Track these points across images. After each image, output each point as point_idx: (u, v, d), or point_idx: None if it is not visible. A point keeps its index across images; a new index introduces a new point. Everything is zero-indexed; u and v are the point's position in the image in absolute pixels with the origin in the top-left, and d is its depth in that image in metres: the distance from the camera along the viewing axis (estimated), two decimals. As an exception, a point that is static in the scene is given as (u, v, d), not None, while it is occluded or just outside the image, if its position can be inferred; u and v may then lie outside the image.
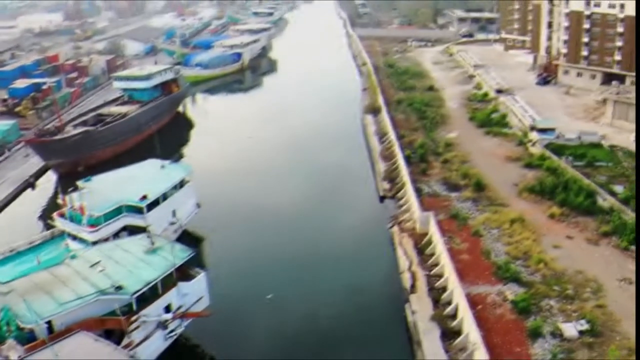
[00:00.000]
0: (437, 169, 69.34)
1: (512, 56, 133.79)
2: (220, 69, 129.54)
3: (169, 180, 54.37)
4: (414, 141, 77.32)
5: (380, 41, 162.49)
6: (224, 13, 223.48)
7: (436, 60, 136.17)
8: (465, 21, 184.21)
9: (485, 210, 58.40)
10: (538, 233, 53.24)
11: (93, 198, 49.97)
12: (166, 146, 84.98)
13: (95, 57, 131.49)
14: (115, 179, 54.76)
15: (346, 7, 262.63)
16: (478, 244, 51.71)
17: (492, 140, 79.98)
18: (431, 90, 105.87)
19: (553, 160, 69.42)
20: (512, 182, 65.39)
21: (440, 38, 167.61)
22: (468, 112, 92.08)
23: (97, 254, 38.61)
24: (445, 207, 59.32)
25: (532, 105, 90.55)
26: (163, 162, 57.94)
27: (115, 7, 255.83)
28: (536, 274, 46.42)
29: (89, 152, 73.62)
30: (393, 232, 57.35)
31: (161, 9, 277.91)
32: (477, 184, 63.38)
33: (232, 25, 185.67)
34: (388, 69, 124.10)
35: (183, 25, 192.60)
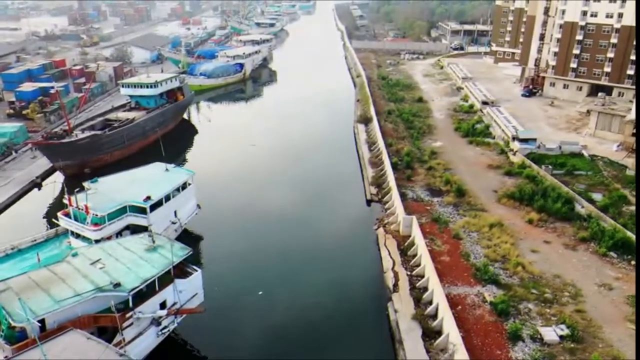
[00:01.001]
0: (422, 176, 70.57)
1: (501, 69, 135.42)
2: (223, 78, 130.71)
3: (172, 183, 55.49)
4: (401, 149, 78.56)
5: (375, 54, 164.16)
6: (227, 23, 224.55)
7: (427, 73, 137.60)
8: (458, 34, 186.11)
9: (465, 215, 59.64)
10: (516, 237, 54.44)
11: (98, 198, 51.15)
12: (171, 151, 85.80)
13: (103, 63, 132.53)
14: (120, 180, 55.87)
15: (345, 19, 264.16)
16: (458, 247, 52.86)
17: (475, 149, 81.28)
18: (420, 102, 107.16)
19: (533, 168, 70.68)
20: (492, 189, 66.70)
21: (432, 51, 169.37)
22: (454, 123, 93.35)
23: (99, 251, 39.58)
24: (428, 211, 60.57)
25: (516, 116, 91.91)
26: (167, 165, 59.12)
27: (121, 14, 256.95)
28: (514, 277, 47.47)
29: (96, 155, 74.74)
30: (378, 233, 58.51)
31: (167, 17, 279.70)
32: (458, 190, 64.64)
33: (235, 36, 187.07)
34: (381, 81, 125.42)
35: (188, 34, 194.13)
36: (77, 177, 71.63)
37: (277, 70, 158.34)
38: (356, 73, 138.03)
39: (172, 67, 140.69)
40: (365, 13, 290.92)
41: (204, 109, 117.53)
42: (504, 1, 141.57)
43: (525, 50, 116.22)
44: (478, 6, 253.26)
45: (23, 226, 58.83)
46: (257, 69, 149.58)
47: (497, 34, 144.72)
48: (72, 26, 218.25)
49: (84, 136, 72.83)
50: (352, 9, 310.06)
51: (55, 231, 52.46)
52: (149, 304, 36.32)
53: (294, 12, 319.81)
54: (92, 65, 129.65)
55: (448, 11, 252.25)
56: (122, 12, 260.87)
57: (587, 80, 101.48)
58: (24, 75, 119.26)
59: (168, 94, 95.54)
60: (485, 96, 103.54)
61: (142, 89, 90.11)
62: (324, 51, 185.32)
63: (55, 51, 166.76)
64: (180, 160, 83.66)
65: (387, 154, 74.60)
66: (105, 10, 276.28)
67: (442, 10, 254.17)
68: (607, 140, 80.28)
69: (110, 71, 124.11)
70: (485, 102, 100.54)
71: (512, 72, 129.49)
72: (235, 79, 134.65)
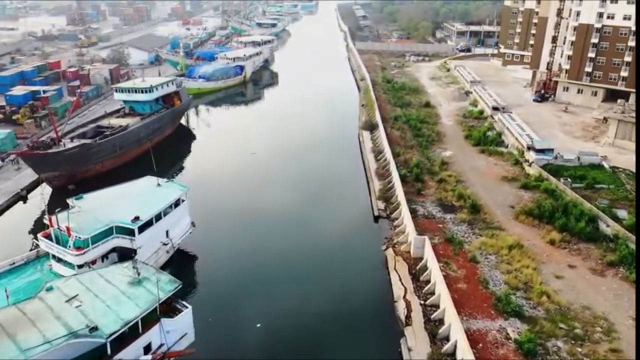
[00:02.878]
0: (433, 189, 65.98)
1: (510, 72, 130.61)
2: (223, 81, 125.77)
3: (164, 200, 51.02)
4: (409, 160, 73.95)
5: (379, 55, 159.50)
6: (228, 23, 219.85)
7: (433, 76, 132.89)
8: (464, 35, 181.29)
9: (481, 234, 55.10)
10: (538, 261, 49.89)
11: (81, 218, 46.81)
12: (166, 160, 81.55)
13: (99, 65, 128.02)
14: (108, 197, 51.40)
15: (348, 19, 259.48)
16: (475, 272, 48.29)
17: (488, 159, 76.66)
18: (427, 107, 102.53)
19: (551, 181, 66.05)
20: (508, 204, 62.15)
21: (438, 52, 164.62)
22: (463, 130, 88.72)
23: (76, 285, 34.99)
24: (441, 230, 56.03)
25: (528, 123, 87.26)
26: (159, 179, 54.60)
27: (120, 14, 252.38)
28: (539, 308, 42.90)
29: (86, 166, 70.20)
30: (387, 254, 53.86)
31: (167, 17, 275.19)
32: (472, 206, 60.11)
33: (236, 36, 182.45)
34: (386, 84, 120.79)
35: (187, 35, 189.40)
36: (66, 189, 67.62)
37: (279, 71, 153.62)
38: (360, 76, 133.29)
39: (170, 69, 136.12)
40: (368, 13, 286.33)
41: (202, 113, 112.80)
42: (512, 2, 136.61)
43: (536, 53, 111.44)
44: (482, 6, 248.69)
45: (3, 245, 54.38)
46: (258, 71, 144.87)
47: (506, 36, 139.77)
48: (70, 26, 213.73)
49: (72, 146, 68.17)
50: (355, 9, 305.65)
51: (36, 252, 48.12)
52: (131, 349, 31.80)
53: (296, 12, 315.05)
54: (88, 67, 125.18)
55: (452, 11, 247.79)
56: (121, 12, 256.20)
57: (603, 85, 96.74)
58: (16, 77, 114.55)
59: (164, 99, 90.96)
60: (496, 101, 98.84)
61: (136, 94, 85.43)
62: (327, 52, 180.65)
63: (52, 52, 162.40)
64: (176, 169, 79.31)
65: (395, 165, 69.96)
66: (105, 10, 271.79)
67: (446, 10, 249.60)
68: (628, 151, 75.57)
69: (106, 73, 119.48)
70: (495, 107, 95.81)
71: (521, 76, 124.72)
72: (235, 81, 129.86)
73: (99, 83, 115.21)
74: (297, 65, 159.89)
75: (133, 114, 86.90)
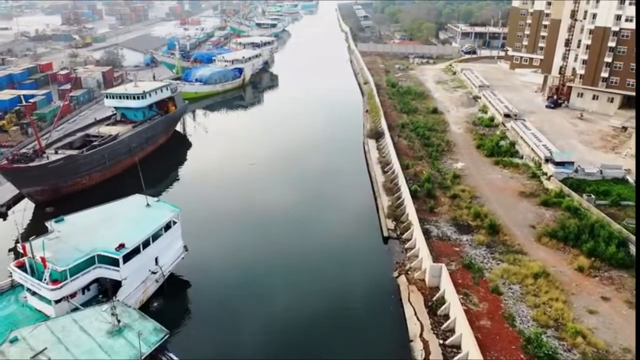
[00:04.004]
0: (446, 206, 61.03)
1: (519, 75, 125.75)
2: (221, 85, 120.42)
3: (153, 223, 46.04)
4: (419, 173, 69.06)
5: (382, 57, 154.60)
6: (226, 24, 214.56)
7: (439, 79, 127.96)
8: (469, 36, 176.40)
9: (502, 259, 50.18)
10: (567, 292, 45.00)
11: (60, 246, 41.85)
12: (159, 171, 76.74)
13: (91, 67, 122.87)
14: (91, 219, 46.43)
15: (349, 20, 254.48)
16: (499, 305, 43.38)
17: (503, 172, 71.73)
18: (435, 113, 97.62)
19: (573, 198, 61.19)
20: (528, 224, 57.25)
21: (442, 54, 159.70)
22: (475, 139, 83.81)
23: (46, 335, 30.06)
24: (457, 254, 51.13)
25: (543, 131, 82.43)
26: (149, 198, 49.59)
27: (117, 13, 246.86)
28: (574, 351, 38.00)
29: (72, 179, 65.17)
30: (399, 282, 48.92)
31: (165, 17, 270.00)
32: (490, 226, 55.17)
33: (234, 37, 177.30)
34: (390, 88, 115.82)
35: (185, 35, 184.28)
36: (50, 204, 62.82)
37: (279, 74, 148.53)
38: (363, 79, 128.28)
39: (166, 71, 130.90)
40: (369, 13, 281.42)
41: (199, 119, 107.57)
42: (521, 3, 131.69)
43: (548, 57, 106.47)
44: (485, 6, 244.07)
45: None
46: (257, 73, 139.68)
47: (514, 38, 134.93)
48: (65, 26, 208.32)
49: (56, 158, 62.99)
50: (356, 9, 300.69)
51: (10, 282, 43.22)
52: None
53: (296, 12, 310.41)
54: (79, 70, 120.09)
55: (455, 11, 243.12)
56: (118, 11, 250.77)
57: (620, 91, 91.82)
58: (4, 80, 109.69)
59: (158, 105, 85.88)
60: (507, 108, 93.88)
61: (128, 100, 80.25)
62: (328, 54, 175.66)
63: (45, 53, 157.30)
64: (169, 181, 74.14)
65: (404, 179, 64.98)
66: (101, 9, 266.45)
67: (449, 10, 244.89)
68: (652, 163, 70.60)
69: (99, 76, 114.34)
70: (507, 114, 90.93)
71: (531, 80, 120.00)
72: (233, 85, 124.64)
73: (90, 86, 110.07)
74: (297, 66, 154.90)
75: (125, 121, 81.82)
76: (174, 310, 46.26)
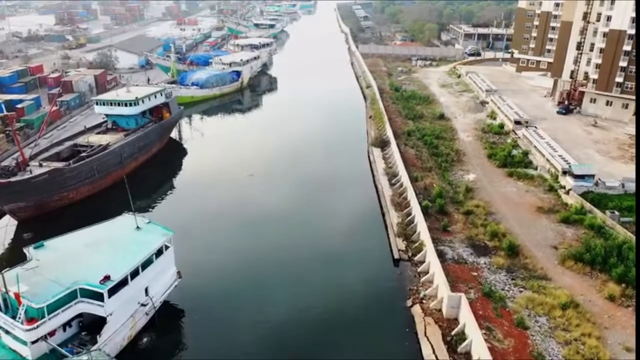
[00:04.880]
0: (460, 224, 56.72)
1: (526, 79, 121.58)
2: (218, 88, 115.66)
3: (143, 249, 41.65)
4: (429, 186, 64.73)
5: (384, 59, 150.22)
6: (224, 24, 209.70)
7: (443, 83, 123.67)
8: (471, 37, 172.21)
9: (524, 286, 45.94)
10: (599, 325, 40.77)
11: (38, 278, 37.46)
12: (151, 184, 72.23)
13: (83, 70, 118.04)
14: (74, 245, 42.10)
15: (348, 20, 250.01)
16: (525, 342, 39.09)
17: (517, 184, 67.47)
18: (441, 119, 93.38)
19: (595, 214, 56.98)
20: (549, 244, 53.05)
21: (445, 56, 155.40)
22: (485, 148, 79.53)
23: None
24: (475, 280, 46.87)
25: (556, 139, 78.25)
26: (139, 219, 45.15)
27: (112, 13, 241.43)
28: (614, 402, 33.88)
29: (58, 194, 60.64)
30: (414, 313, 44.59)
31: (161, 16, 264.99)
32: (509, 248, 50.90)
33: (232, 38, 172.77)
34: (394, 92, 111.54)
35: (181, 36, 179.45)
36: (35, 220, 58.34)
37: (278, 76, 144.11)
38: (365, 83, 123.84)
39: (161, 74, 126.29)
40: (368, 13, 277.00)
41: (195, 125, 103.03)
42: (528, 4, 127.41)
43: (559, 61, 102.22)
44: (486, 7, 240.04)
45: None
46: (255, 76, 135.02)
47: (520, 40, 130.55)
48: (59, 26, 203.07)
49: (40, 172, 58.37)
50: (355, 9, 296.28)
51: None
52: None
53: (295, 11, 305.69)
54: (72, 73, 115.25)
55: (455, 12, 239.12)
56: (113, 11, 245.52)
57: (635, 97, 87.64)
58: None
59: (152, 112, 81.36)
60: (518, 114, 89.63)
61: (119, 107, 75.63)
62: (328, 55, 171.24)
63: (37, 54, 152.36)
64: (163, 193, 69.61)
65: (414, 194, 60.62)
66: (96, 9, 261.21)
67: (450, 11, 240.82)
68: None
69: (91, 80, 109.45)
70: (518, 121, 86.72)
71: (539, 84, 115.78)
72: (231, 88, 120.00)
73: (82, 90, 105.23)
74: (297, 68, 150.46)
75: (116, 129, 77.32)
76: (167, 345, 41.89)
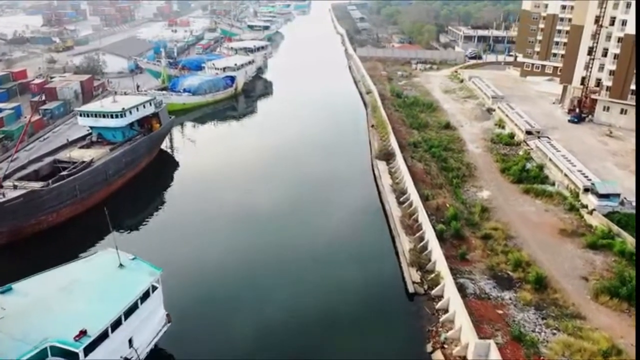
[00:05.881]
0: (479, 251, 51.58)
1: (532, 84, 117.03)
2: (211, 95, 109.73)
3: (127, 293, 36.04)
4: (442, 206, 59.52)
5: (383, 63, 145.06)
6: (217, 25, 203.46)
7: (446, 88, 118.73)
8: (471, 39, 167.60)
9: (557, 327, 40.86)
10: (647, 378, 35.78)
11: (2, 333, 31.81)
12: (140, 202, 66.49)
13: (69, 76, 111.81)
14: (46, 289, 36.36)
15: (344, 22, 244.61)
16: (567, 400, 34.03)
17: (535, 203, 62.49)
18: (447, 129, 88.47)
19: (625, 239, 52.04)
20: (578, 274, 48.11)
21: (446, 59, 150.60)
22: (497, 161, 74.62)
23: None
24: (502, 319, 41.75)
25: (572, 151, 73.54)
26: (122, 256, 39.40)
27: (102, 14, 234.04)
28: None
29: (35, 218, 54.86)
30: None
31: (152, 17, 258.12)
32: (536, 280, 45.82)
33: (226, 41, 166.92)
34: (395, 98, 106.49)
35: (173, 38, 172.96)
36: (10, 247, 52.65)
37: (273, 80, 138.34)
38: (365, 88, 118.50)
39: (151, 79, 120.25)
40: (364, 14, 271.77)
41: (187, 133, 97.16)
42: (533, 6, 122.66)
43: (569, 66, 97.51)
44: (483, 8, 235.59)
45: None
46: (250, 81, 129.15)
47: (524, 43, 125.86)
48: (46, 27, 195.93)
49: (14, 195, 52.52)
50: (350, 10, 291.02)
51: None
52: None
53: (289, 12, 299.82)
54: (56, 79, 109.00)
55: (452, 12, 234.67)
56: (102, 11, 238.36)
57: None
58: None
59: (141, 123, 75.64)
60: (528, 123, 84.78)
61: (105, 119, 69.79)
62: (325, 58, 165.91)
63: (21, 57, 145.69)
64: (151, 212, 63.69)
65: (426, 215, 55.42)
66: (85, 9, 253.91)
67: (447, 12, 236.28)
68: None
69: (77, 86, 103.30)
70: (529, 131, 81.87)
71: (546, 89, 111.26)
72: (225, 94, 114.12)
73: (67, 98, 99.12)
74: (293, 71, 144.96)
75: (102, 142, 71.60)
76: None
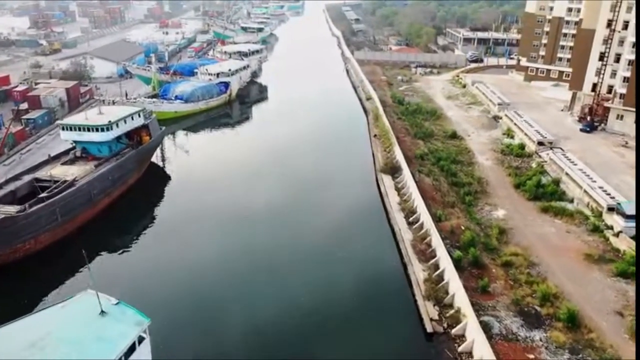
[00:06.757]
0: (501, 281, 46.90)
1: (537, 89, 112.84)
2: (205, 102, 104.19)
3: (109, 349, 30.66)
4: (456, 228, 54.77)
5: (381, 66, 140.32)
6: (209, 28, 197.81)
7: (449, 94, 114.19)
8: (471, 42, 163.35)
9: (596, 375, 36.23)
10: None
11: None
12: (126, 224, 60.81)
13: (54, 82, 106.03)
14: (12, 345, 30.97)
15: (339, 23, 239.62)
16: None
17: (555, 223, 57.94)
18: (454, 138, 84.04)
19: (658, 267, 47.58)
20: (612, 309, 43.57)
21: (446, 63, 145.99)
22: (509, 175, 70.08)
23: None
24: (534, 365, 37.04)
25: (587, 164, 69.14)
26: (104, 300, 34.01)
27: (91, 15, 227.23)
28: None
29: (11, 246, 49.45)
30: (462, 416, 34.68)
31: (143, 19, 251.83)
32: (569, 318, 41.14)
33: (219, 43, 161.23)
34: (397, 105, 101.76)
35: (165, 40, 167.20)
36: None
37: (268, 84, 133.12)
38: (365, 94, 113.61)
39: (141, 85, 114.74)
40: (359, 15, 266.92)
41: (179, 143, 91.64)
42: (537, 8, 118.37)
43: (579, 72, 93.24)
44: (479, 9, 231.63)
45: None
46: (244, 87, 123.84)
47: (528, 47, 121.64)
48: (32, 29, 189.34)
49: (-15, 223, 47.32)
50: (345, 11, 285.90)
51: None
52: None
53: (282, 13, 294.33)
54: (41, 86, 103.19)
55: (449, 14, 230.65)
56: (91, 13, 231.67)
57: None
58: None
59: (129, 135, 70.26)
60: (539, 133, 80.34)
61: (89, 132, 64.25)
62: (321, 61, 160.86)
63: (5, 61, 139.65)
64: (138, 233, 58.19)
65: (441, 240, 50.62)
66: (74, 10, 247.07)
67: (443, 13, 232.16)
68: None
69: (62, 93, 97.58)
70: (541, 142, 77.45)
71: (553, 95, 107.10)
72: (219, 101, 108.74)
73: (52, 106, 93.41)
74: (288, 75, 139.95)
75: (86, 157, 66.17)
76: None
